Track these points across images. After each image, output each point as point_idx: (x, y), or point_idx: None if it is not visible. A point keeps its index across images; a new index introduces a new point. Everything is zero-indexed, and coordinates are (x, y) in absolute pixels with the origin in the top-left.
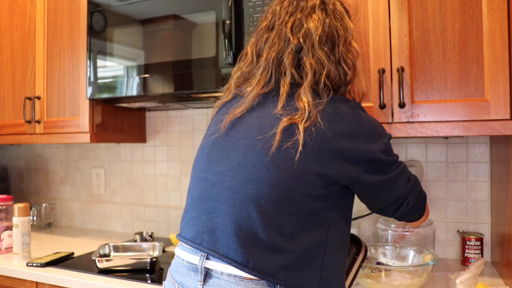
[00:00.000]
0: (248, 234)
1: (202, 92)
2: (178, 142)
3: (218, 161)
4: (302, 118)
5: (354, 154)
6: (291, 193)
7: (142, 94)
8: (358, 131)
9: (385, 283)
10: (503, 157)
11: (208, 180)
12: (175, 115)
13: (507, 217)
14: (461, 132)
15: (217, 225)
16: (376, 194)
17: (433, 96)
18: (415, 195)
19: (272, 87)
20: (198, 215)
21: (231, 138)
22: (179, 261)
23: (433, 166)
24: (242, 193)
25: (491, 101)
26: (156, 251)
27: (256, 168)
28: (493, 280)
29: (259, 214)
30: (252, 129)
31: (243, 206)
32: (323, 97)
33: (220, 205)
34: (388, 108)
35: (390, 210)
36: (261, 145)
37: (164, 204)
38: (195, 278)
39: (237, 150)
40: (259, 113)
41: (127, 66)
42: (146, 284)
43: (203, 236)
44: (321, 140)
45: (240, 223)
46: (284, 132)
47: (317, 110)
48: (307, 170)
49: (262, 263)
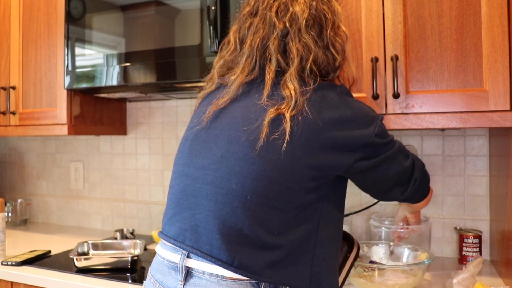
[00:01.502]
0: (233, 231)
1: (186, 82)
2: (160, 134)
3: (200, 154)
4: (289, 106)
5: (348, 142)
6: (277, 187)
7: (122, 84)
8: (350, 118)
9: (378, 283)
10: (502, 150)
11: (190, 174)
12: (157, 106)
13: (507, 214)
14: (459, 124)
15: (199, 221)
16: (375, 176)
17: (429, 86)
18: (419, 170)
19: (256, 75)
20: (180, 212)
21: (214, 130)
22: (159, 259)
23: (429, 159)
24: (225, 188)
25: (490, 91)
26: (138, 249)
27: (241, 161)
28: (492, 279)
29: (244, 210)
30: (236, 121)
31: (227, 202)
32: (310, 84)
33: (202, 201)
34: (381, 99)
35: (398, 192)
36: (246, 137)
37: (145, 200)
38: (175, 278)
39: (220, 142)
40: (243, 104)
41: (107, 54)
42: (127, 284)
43: (185, 234)
44: (310, 130)
45: (224, 220)
46: (272, 124)
47: (304, 98)
48: (295, 162)
49: (248, 261)
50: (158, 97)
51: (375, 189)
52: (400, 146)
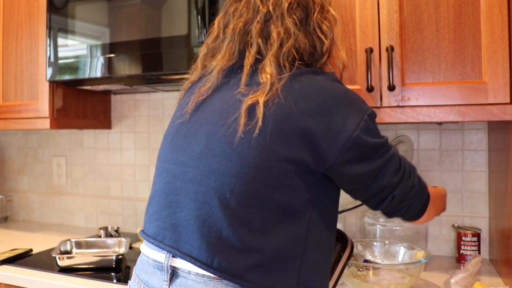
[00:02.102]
0: (212, 231)
1: (173, 74)
2: (146, 128)
3: (180, 150)
4: (263, 92)
5: (327, 135)
6: (256, 185)
7: (107, 75)
8: (330, 106)
9: (373, 283)
10: (502, 145)
11: (171, 171)
12: (143, 98)
13: (507, 210)
14: (456, 117)
15: (180, 220)
16: (356, 186)
17: (426, 78)
18: (405, 189)
19: (236, 60)
20: (159, 210)
21: (193, 124)
22: (144, 258)
23: (426, 154)
24: (205, 186)
25: (489, 83)
26: (122, 247)
27: (218, 158)
28: (492, 279)
29: (223, 209)
30: (214, 114)
31: (206, 200)
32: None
33: (182, 199)
34: (376, 91)
35: (372, 202)
36: (223, 132)
37: (131, 196)
38: (161, 278)
39: (200, 138)
40: (222, 96)
41: (91, 45)
42: (111, 283)
43: (165, 233)
44: (285, 120)
45: (203, 219)
46: (248, 114)
47: (280, 84)
48: (272, 157)
49: (228, 263)
50: (144, 90)
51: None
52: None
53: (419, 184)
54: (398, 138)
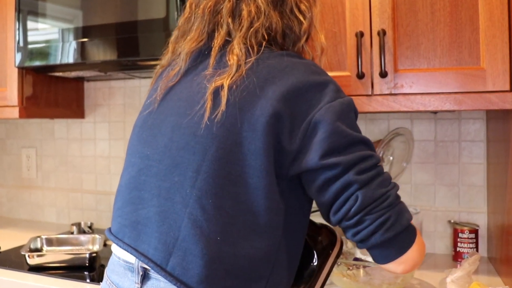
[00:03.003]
0: (171, 230)
1: (150, 59)
2: (121, 117)
3: (146, 142)
4: (229, 74)
5: (291, 123)
6: (219, 180)
7: (80, 61)
8: (300, 89)
9: (363, 283)
10: (501, 135)
11: (136, 165)
12: (118, 86)
13: (506, 205)
14: (453, 106)
15: (140, 218)
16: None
17: (420, 64)
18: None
19: (204, 42)
20: (122, 206)
21: (159, 115)
22: (115, 259)
23: (420, 145)
24: (168, 181)
25: (488, 69)
26: (96, 245)
27: (182, 151)
28: (490, 278)
29: (184, 207)
30: (180, 104)
31: (168, 197)
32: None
33: (146, 195)
34: (367, 78)
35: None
36: (187, 122)
37: (105, 190)
38: (132, 280)
39: (165, 129)
40: (189, 84)
41: (63, 28)
42: (84, 283)
43: (125, 230)
44: (250, 106)
45: (164, 217)
46: (213, 99)
47: (247, 67)
48: (236, 149)
49: (181, 268)
50: (119, 76)
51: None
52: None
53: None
54: (396, 130)
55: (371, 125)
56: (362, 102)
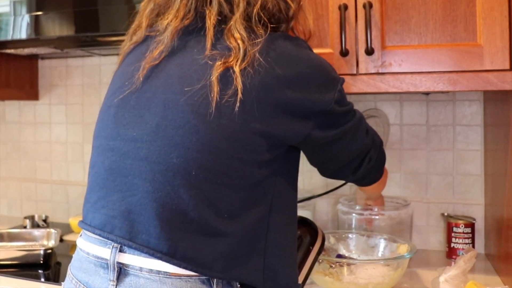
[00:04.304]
0: (175, 215)
1: (111, 35)
2: (80, 99)
3: (129, 123)
4: (237, 59)
5: (303, 107)
6: (228, 160)
7: (33, 37)
8: (308, 77)
9: (348, 282)
10: (500, 119)
11: (118, 149)
12: (76, 64)
13: (506, 196)
14: (447, 86)
15: (132, 206)
16: (331, 151)
17: (410, 40)
18: (376, 148)
19: (192, 19)
20: (106, 195)
21: (144, 93)
22: (83, 255)
23: (410, 130)
24: (164, 163)
25: (485, 46)
26: (52, 240)
27: (181, 130)
28: (488, 277)
29: (188, 189)
30: (172, 81)
31: (166, 180)
32: (261, 34)
33: (135, 180)
34: (351, 56)
35: (349, 170)
36: (186, 100)
37: (62, 180)
38: (105, 277)
39: (155, 108)
40: (179, 60)
41: (14, 1)
42: (38, 282)
43: (114, 222)
44: (263, 89)
45: (163, 202)
46: (220, 81)
47: (254, 50)
48: (246, 129)
49: (194, 251)
50: (77, 54)
51: (327, 165)
52: (361, 118)
53: (381, 140)
54: (367, 112)
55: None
56: (346, 82)
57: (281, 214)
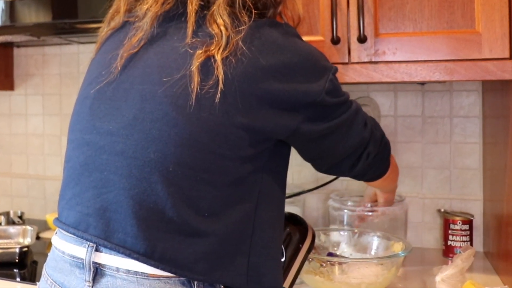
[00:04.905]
0: (152, 214)
1: (91, 22)
2: (57, 89)
3: (105, 116)
4: (219, 46)
5: (291, 98)
6: (208, 155)
7: (8, 23)
8: (295, 66)
9: (339, 282)
10: (499, 110)
11: (93, 143)
12: (53, 52)
13: (505, 191)
14: (443, 75)
15: (108, 203)
16: (324, 146)
17: (405, 27)
18: (376, 142)
19: (173, 4)
20: (81, 192)
21: (122, 84)
22: (58, 254)
23: (405, 122)
24: (141, 159)
25: (484, 33)
26: (28, 237)
27: (159, 123)
28: (487, 277)
29: (166, 186)
30: (151, 71)
31: (143, 176)
32: (244, 21)
33: (111, 176)
34: (343, 44)
35: (345, 166)
36: (164, 92)
37: (38, 174)
38: (81, 278)
39: (132, 100)
40: (158, 49)
41: None
42: (14, 282)
43: (89, 220)
44: (246, 80)
45: (140, 200)
46: (201, 71)
47: (238, 37)
48: (228, 122)
49: (173, 251)
50: (54, 42)
51: (320, 161)
52: (358, 109)
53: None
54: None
55: None
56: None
57: (268, 212)
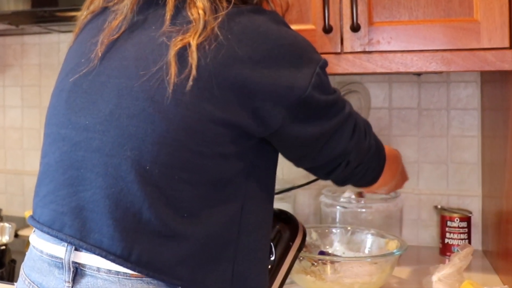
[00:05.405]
0: (129, 214)
1: (71, 9)
2: (37, 80)
3: (81, 110)
4: (195, 31)
5: (273, 92)
6: (186, 153)
7: None
8: (277, 56)
9: (331, 281)
10: (499, 102)
11: (69, 138)
12: (33, 42)
13: (505, 187)
14: (440, 66)
15: (84, 202)
16: (305, 151)
17: (400, 15)
18: (361, 153)
19: None
20: (56, 189)
21: (99, 76)
22: (36, 253)
23: (400, 114)
24: (117, 157)
25: (483, 22)
26: (6, 235)
27: (135, 120)
28: (485, 276)
29: (143, 185)
30: (127, 63)
31: (119, 175)
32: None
33: (87, 174)
34: (335, 33)
35: (321, 172)
36: (141, 86)
37: (17, 169)
38: (60, 278)
39: (108, 94)
40: (137, 39)
41: None
42: None
43: (64, 219)
44: (222, 70)
45: (116, 199)
46: (179, 60)
47: (216, 23)
48: (206, 118)
49: (151, 254)
50: (33, 30)
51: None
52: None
53: (376, 144)
54: (348, 86)
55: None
56: (330, 62)
57: (255, 215)
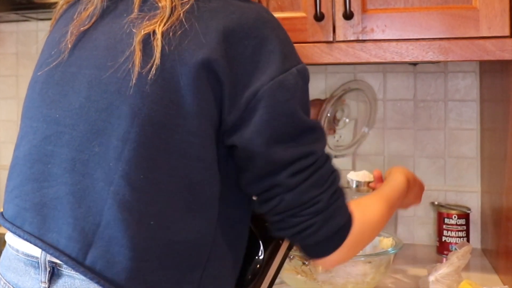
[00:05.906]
0: (90, 214)
1: None
2: (14, 70)
3: (52, 103)
4: (162, 18)
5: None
6: (152, 150)
7: None
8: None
9: (323, 281)
10: (498, 93)
11: (39, 131)
12: (9, 30)
13: (505, 183)
14: (437, 55)
15: (47, 199)
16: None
17: (395, 2)
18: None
19: None
20: (21, 184)
21: (70, 67)
22: (12, 253)
23: (395, 106)
24: (86, 152)
25: (482, 9)
26: None
27: (104, 114)
28: (485, 276)
29: (107, 184)
30: (98, 53)
31: (87, 172)
32: None
33: (54, 170)
34: (327, 20)
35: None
36: (109, 77)
37: None
38: (36, 278)
39: (78, 86)
40: (107, 27)
41: None
42: None
43: (25, 215)
44: (190, 58)
45: (80, 197)
46: (144, 49)
47: (184, 9)
48: (174, 112)
49: (104, 262)
50: (10, 18)
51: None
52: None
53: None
54: (348, 84)
55: (332, 79)
56: (321, 51)
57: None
